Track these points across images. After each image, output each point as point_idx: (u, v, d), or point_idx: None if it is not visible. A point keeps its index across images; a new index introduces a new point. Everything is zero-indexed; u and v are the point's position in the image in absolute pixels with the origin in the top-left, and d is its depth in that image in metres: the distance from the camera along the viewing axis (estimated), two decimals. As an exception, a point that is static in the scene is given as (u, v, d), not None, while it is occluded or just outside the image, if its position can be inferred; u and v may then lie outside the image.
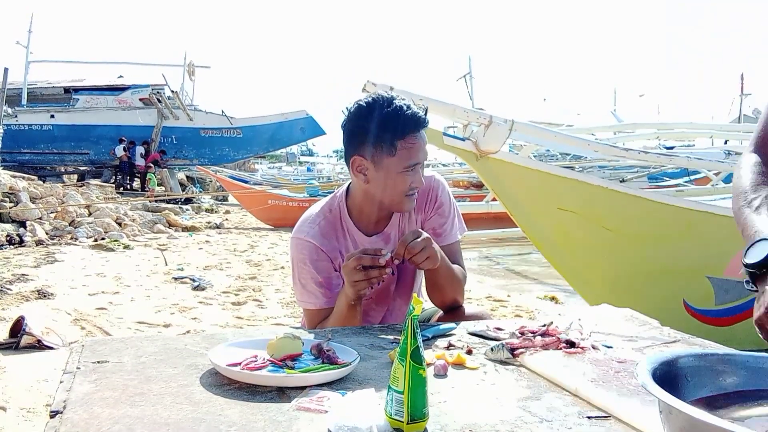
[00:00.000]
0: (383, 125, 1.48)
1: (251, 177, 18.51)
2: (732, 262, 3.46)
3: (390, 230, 1.65)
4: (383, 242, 1.63)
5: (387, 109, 1.48)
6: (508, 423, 0.92)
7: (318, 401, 0.97)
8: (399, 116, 1.47)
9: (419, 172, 1.54)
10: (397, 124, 1.47)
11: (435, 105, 3.15)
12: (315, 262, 1.57)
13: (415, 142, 1.50)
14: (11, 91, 17.78)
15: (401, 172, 1.50)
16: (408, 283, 1.71)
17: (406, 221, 1.66)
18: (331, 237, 1.60)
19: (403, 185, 1.52)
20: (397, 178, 1.51)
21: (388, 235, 1.65)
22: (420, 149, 1.51)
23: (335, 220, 1.63)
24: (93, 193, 12.49)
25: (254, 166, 31.47)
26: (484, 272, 7.23)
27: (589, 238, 3.32)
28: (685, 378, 0.86)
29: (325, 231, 1.60)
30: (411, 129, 1.48)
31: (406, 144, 1.48)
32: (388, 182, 1.52)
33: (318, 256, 1.57)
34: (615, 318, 1.55)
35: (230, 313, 4.46)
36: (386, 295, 1.69)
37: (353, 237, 1.62)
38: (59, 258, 6.54)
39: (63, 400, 0.97)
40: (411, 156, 1.49)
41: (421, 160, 1.52)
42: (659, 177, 11.78)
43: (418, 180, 1.53)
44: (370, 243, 1.61)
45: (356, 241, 1.62)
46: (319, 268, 1.57)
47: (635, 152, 4.25)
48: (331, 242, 1.60)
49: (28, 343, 3.23)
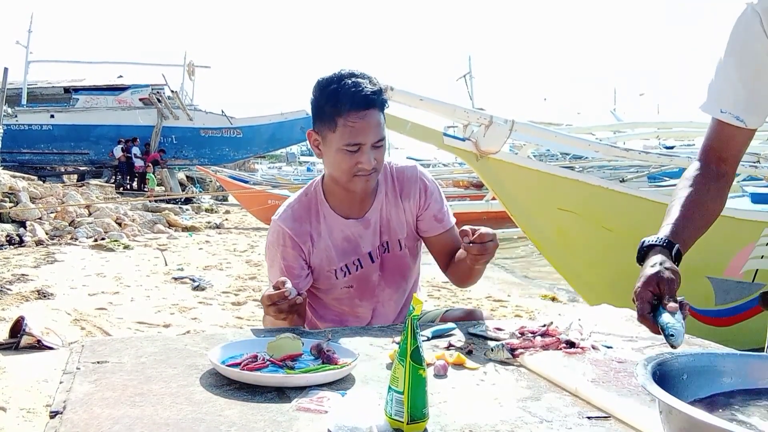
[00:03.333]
0: (328, 101, 1.49)
1: (251, 177, 18.47)
2: (732, 263, 3.46)
3: (371, 215, 1.64)
4: (363, 227, 1.62)
5: (334, 86, 1.48)
6: (508, 423, 0.92)
7: (318, 401, 0.97)
8: (340, 93, 1.47)
9: (367, 153, 1.49)
10: (337, 101, 1.47)
11: (435, 105, 3.15)
12: (282, 248, 1.60)
13: (356, 121, 1.47)
14: (11, 91, 17.76)
15: (341, 150, 1.49)
16: (395, 273, 1.68)
17: (391, 208, 1.64)
18: (304, 221, 1.62)
19: (345, 164, 1.50)
20: (338, 156, 1.50)
21: (369, 220, 1.63)
22: (360, 130, 1.47)
23: (309, 203, 1.64)
24: (93, 193, 12.49)
25: (254, 165, 31.43)
26: (484, 272, 7.21)
27: (589, 238, 3.31)
28: (685, 378, 0.86)
29: (298, 215, 1.62)
30: (350, 107, 1.46)
31: (346, 122, 1.47)
32: (333, 159, 1.52)
33: (285, 243, 1.59)
34: (615, 318, 1.55)
35: (230, 313, 4.46)
36: (370, 287, 1.66)
37: (327, 221, 1.62)
38: (59, 258, 6.54)
39: (63, 400, 0.97)
40: (350, 135, 1.47)
41: (363, 141, 1.48)
42: (659, 177, 11.76)
43: (366, 161, 1.49)
44: (346, 226, 1.62)
45: (330, 225, 1.62)
46: (285, 254, 1.59)
47: (635, 152, 4.25)
48: (303, 226, 1.61)
49: (28, 344, 3.23)
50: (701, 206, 1.18)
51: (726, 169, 1.24)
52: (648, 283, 1.03)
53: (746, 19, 1.14)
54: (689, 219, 1.15)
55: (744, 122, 1.19)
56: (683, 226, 1.13)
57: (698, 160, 1.26)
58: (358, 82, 1.47)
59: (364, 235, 1.63)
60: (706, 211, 1.19)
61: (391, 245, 1.66)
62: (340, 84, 1.48)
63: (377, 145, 1.51)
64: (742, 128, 1.20)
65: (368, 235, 1.63)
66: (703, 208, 1.19)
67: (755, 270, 3.47)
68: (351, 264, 1.63)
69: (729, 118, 1.19)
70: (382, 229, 1.65)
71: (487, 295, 5.37)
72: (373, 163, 1.50)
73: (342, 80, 1.48)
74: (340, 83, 1.48)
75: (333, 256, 1.62)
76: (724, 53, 1.19)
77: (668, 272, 1.03)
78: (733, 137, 1.22)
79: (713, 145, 1.24)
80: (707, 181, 1.21)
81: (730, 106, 1.18)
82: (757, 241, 3.43)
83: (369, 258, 1.64)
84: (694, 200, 1.18)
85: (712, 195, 1.21)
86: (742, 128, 1.20)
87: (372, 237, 1.64)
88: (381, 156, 1.54)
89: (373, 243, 1.64)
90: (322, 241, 1.61)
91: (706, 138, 1.26)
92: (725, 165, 1.24)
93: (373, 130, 1.49)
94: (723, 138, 1.22)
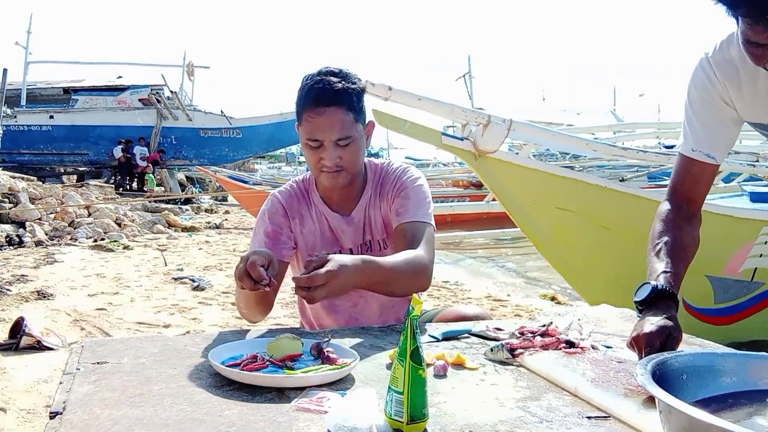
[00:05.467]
0: (299, 95, 1.54)
1: (251, 177, 18.44)
2: (731, 262, 3.46)
3: (356, 214, 1.65)
4: (346, 224, 1.65)
5: (307, 81, 1.52)
6: (508, 423, 0.92)
7: (318, 402, 0.97)
8: (306, 89, 1.51)
9: (329, 150, 1.49)
10: (303, 96, 1.52)
11: (433, 104, 3.15)
12: (272, 215, 1.63)
13: (314, 117, 1.49)
14: (10, 92, 17.72)
15: (305, 144, 1.54)
16: None
17: (372, 209, 1.65)
18: (299, 201, 1.66)
19: (310, 159, 1.55)
20: (305, 150, 1.56)
21: (353, 218, 1.65)
22: (318, 126, 1.49)
23: (303, 190, 1.68)
24: (92, 193, 12.47)
25: (254, 166, 31.43)
26: (484, 272, 7.23)
27: (588, 238, 3.31)
28: (685, 378, 0.86)
29: (294, 194, 1.67)
30: (311, 103, 1.49)
31: (307, 116, 1.51)
32: (304, 153, 1.57)
33: (276, 210, 1.63)
34: (615, 318, 1.55)
35: (230, 314, 4.45)
36: None
37: (317, 208, 1.66)
38: (59, 259, 6.54)
39: (63, 401, 0.97)
40: (310, 130, 1.50)
41: (321, 138, 1.49)
42: (659, 176, 11.77)
43: (327, 158, 1.50)
44: (331, 218, 1.64)
45: (318, 213, 1.65)
46: (274, 220, 1.62)
47: (634, 151, 4.26)
48: (296, 204, 1.65)
49: (28, 344, 3.23)
50: (685, 250, 1.31)
51: (694, 211, 1.37)
52: (659, 334, 1.09)
53: (702, 67, 1.31)
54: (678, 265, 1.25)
55: (714, 159, 1.33)
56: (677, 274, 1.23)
57: (668, 200, 1.37)
58: (326, 80, 1.49)
59: (347, 231, 1.65)
60: (689, 255, 1.31)
61: (373, 245, 1.67)
62: (312, 80, 1.51)
63: (342, 144, 1.51)
64: (711, 164, 1.34)
65: (350, 232, 1.65)
66: (687, 252, 1.31)
67: (754, 268, 3.47)
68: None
69: (700, 156, 1.33)
70: (365, 228, 1.66)
71: (487, 295, 5.37)
72: (336, 160, 1.51)
73: (315, 77, 1.52)
74: (311, 79, 1.52)
75: (317, 243, 1.64)
76: (687, 99, 1.35)
77: (679, 333, 1.12)
78: (703, 173, 1.36)
79: (683, 184, 1.37)
80: (683, 223, 1.34)
81: (700, 145, 1.33)
82: (756, 240, 3.44)
83: (350, 254, 1.63)
84: (679, 244, 1.29)
85: (690, 238, 1.34)
86: (711, 164, 1.34)
87: (354, 235, 1.65)
88: (350, 155, 1.53)
89: (355, 241, 1.65)
90: (309, 225, 1.65)
91: (676, 177, 1.38)
92: (693, 206, 1.37)
93: (335, 127, 1.49)
94: (693, 175, 1.36)
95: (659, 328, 1.09)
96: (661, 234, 1.30)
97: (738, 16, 1.03)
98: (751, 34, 1.02)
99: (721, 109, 1.30)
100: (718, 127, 1.33)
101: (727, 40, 1.26)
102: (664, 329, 1.09)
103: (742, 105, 1.29)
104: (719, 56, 1.28)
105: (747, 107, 1.29)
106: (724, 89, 1.28)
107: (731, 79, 1.27)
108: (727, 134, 1.34)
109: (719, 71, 1.28)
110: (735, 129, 1.35)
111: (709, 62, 1.29)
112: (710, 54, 1.29)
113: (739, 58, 1.22)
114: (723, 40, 1.27)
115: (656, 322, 1.10)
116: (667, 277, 1.20)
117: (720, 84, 1.28)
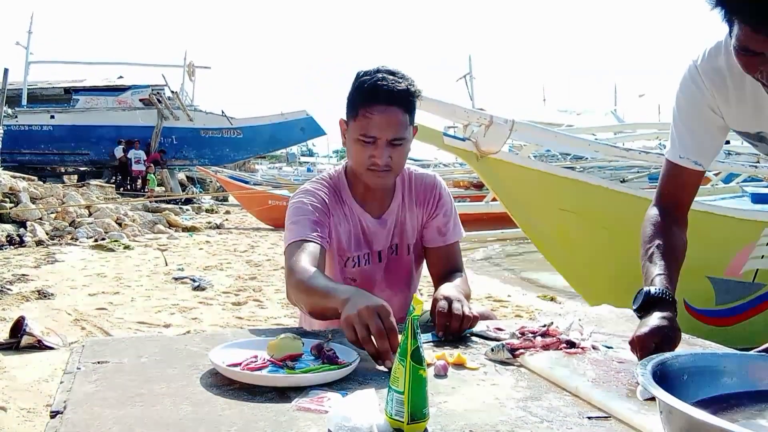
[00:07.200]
0: (356, 90, 1.52)
1: (251, 177, 18.45)
2: (732, 263, 3.46)
3: (388, 217, 1.65)
4: (379, 226, 1.64)
5: (366, 77, 1.51)
6: (508, 423, 0.92)
7: (318, 401, 0.97)
8: (367, 84, 1.49)
9: (381, 148, 1.49)
10: (363, 90, 1.50)
11: (435, 105, 3.14)
12: (314, 204, 1.57)
13: (373, 114, 1.48)
14: (11, 92, 17.75)
15: (357, 140, 1.51)
16: (398, 276, 1.69)
17: (406, 212, 1.66)
18: (336, 198, 1.63)
19: (359, 155, 1.52)
20: (355, 146, 1.53)
21: (385, 221, 1.65)
22: (376, 123, 1.48)
23: (335, 185, 1.65)
24: (93, 193, 12.49)
25: (254, 166, 31.44)
26: (484, 272, 7.23)
27: (589, 238, 3.31)
28: (686, 378, 0.86)
29: (329, 189, 1.63)
30: (371, 99, 1.48)
31: (364, 112, 1.49)
32: (351, 148, 1.55)
33: (317, 201, 1.58)
34: (615, 318, 1.55)
35: (230, 313, 4.46)
36: (371, 285, 1.64)
37: (349, 207, 1.63)
38: (59, 258, 6.55)
39: (63, 400, 0.97)
40: (365, 126, 1.49)
41: (378, 135, 1.48)
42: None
43: (379, 156, 1.49)
44: (363, 218, 1.63)
45: (354, 212, 1.63)
46: (317, 208, 1.57)
47: (635, 152, 4.24)
48: (334, 200, 1.62)
49: (29, 344, 3.23)
50: (676, 252, 1.32)
51: (681, 214, 1.38)
52: (652, 335, 1.10)
53: (690, 75, 1.30)
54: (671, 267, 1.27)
55: (701, 165, 1.35)
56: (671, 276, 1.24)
57: (656, 205, 1.39)
58: (387, 78, 1.49)
59: (379, 233, 1.65)
60: (680, 257, 1.33)
61: (400, 249, 1.67)
62: (372, 76, 1.50)
63: (394, 143, 1.51)
64: (698, 171, 1.36)
65: (382, 234, 1.65)
66: (678, 254, 1.32)
67: (755, 270, 3.47)
68: (362, 256, 1.64)
69: (687, 163, 1.35)
70: (395, 232, 1.66)
71: (487, 295, 5.37)
72: (387, 160, 1.50)
73: (375, 74, 1.50)
74: (372, 76, 1.50)
75: (350, 242, 1.63)
76: (675, 106, 1.35)
77: (676, 332, 1.13)
78: (690, 179, 1.37)
79: (670, 190, 1.39)
80: (672, 227, 1.35)
81: (688, 152, 1.34)
82: (757, 241, 3.43)
83: (378, 256, 1.66)
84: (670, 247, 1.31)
85: (680, 241, 1.35)
86: (698, 171, 1.36)
87: (384, 238, 1.65)
88: (398, 156, 1.53)
89: (384, 244, 1.66)
90: (344, 223, 1.62)
91: (663, 183, 1.40)
92: (680, 210, 1.38)
93: (391, 126, 1.49)
94: (680, 181, 1.37)
95: (652, 329, 1.10)
96: (651, 238, 1.32)
97: (735, 22, 1.02)
98: (748, 41, 1.01)
99: (708, 116, 1.31)
100: (706, 135, 1.33)
101: (714, 47, 1.26)
102: (658, 331, 1.10)
103: (728, 113, 1.29)
104: (707, 64, 1.27)
105: (733, 116, 1.29)
106: (711, 97, 1.28)
107: (719, 88, 1.27)
108: (713, 142, 1.35)
109: (707, 79, 1.28)
110: (721, 137, 1.36)
111: (697, 70, 1.29)
112: (698, 62, 1.29)
113: (727, 67, 1.23)
114: (711, 47, 1.27)
115: (650, 324, 1.12)
116: (662, 279, 1.22)
117: (708, 92, 1.28)
